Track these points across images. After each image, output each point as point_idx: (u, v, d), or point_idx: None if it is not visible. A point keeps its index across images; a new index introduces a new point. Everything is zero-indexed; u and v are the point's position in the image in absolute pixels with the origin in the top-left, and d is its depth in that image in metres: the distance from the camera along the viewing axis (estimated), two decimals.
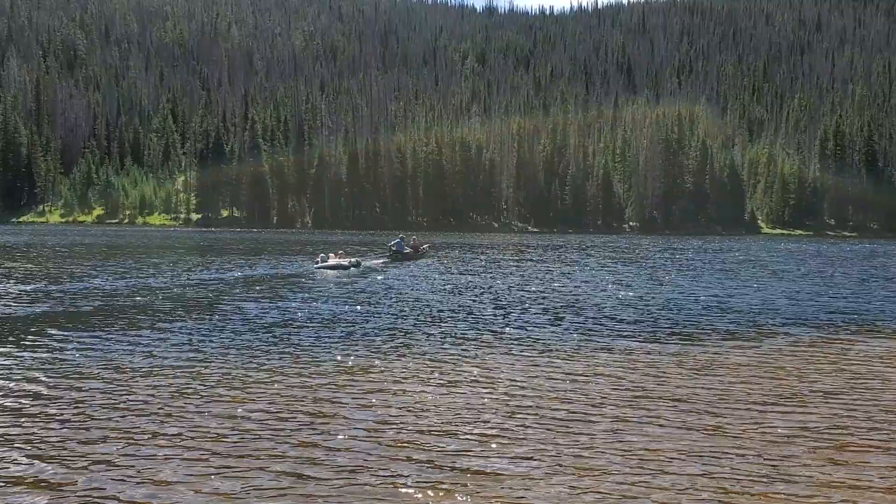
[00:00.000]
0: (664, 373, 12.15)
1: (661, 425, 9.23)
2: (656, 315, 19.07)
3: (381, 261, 38.45)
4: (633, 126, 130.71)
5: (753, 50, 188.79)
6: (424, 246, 44.79)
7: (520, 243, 69.78)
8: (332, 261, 32.96)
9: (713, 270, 36.24)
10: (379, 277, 29.76)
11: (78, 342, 14.12)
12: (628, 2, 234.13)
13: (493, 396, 10.53)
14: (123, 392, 10.47)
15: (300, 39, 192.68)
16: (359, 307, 19.78)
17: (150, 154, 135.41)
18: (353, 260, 34.36)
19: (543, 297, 22.70)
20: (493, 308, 19.99)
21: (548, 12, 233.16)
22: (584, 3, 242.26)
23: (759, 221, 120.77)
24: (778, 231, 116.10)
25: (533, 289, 25.47)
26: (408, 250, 40.76)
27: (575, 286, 26.76)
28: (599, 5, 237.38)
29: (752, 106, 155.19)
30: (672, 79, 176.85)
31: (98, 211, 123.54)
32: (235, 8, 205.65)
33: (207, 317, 17.60)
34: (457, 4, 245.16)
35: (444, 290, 24.79)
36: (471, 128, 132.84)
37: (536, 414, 9.65)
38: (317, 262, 33.19)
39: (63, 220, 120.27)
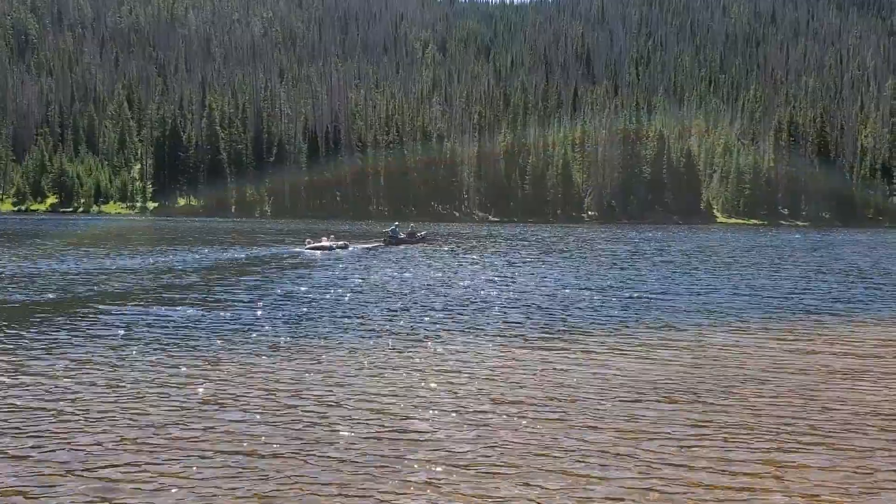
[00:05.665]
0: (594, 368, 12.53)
1: (601, 418, 9.58)
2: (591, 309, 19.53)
3: (374, 245, 42.20)
4: (592, 116, 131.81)
5: (710, 41, 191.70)
6: (421, 233, 48.03)
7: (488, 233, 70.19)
8: (322, 242, 37.94)
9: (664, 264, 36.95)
10: (359, 262, 32.20)
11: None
12: None
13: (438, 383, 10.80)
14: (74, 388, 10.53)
15: (259, 26, 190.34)
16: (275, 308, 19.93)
17: (105, 141, 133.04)
18: (340, 243, 38.86)
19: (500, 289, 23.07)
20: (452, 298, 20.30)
21: (508, 2, 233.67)
22: None
23: (714, 211, 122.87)
24: (733, 220, 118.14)
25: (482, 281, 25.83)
26: (402, 236, 44.13)
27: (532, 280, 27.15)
28: None
29: (709, 97, 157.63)
30: (630, 69, 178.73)
31: (52, 199, 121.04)
32: None
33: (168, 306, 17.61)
34: None
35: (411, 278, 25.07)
36: (432, 117, 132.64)
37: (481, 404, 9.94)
38: (306, 244, 38.02)
39: (16, 208, 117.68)
